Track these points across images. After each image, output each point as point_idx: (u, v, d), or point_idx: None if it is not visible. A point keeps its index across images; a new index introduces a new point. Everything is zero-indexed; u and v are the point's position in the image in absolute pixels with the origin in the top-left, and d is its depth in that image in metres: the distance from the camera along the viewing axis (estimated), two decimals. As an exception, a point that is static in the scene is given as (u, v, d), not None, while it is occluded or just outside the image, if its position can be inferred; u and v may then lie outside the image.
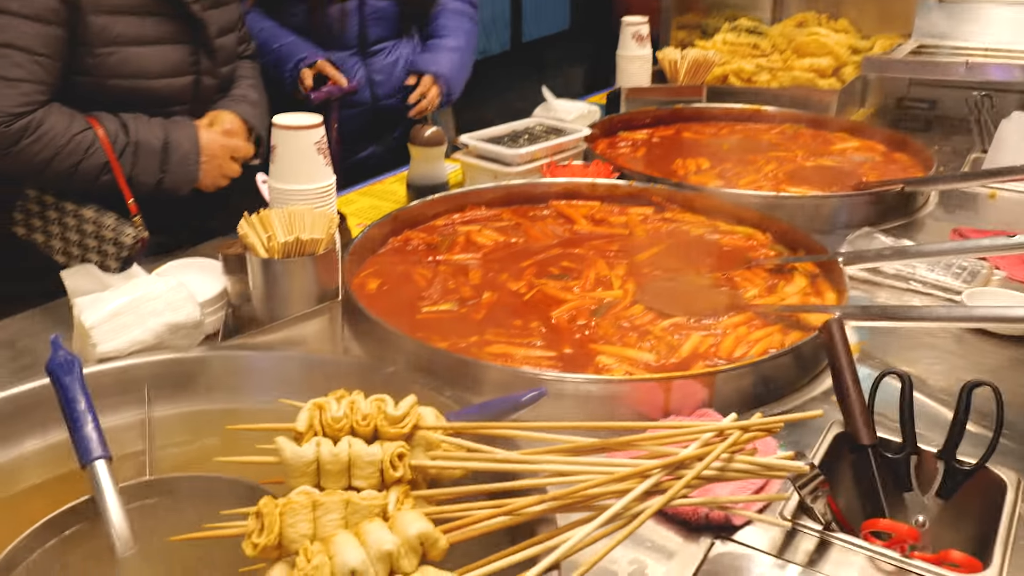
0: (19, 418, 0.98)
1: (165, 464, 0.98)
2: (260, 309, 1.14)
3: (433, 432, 0.80)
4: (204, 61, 1.65)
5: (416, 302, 1.35)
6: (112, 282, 1.14)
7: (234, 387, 1.07)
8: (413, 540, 0.66)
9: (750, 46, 2.90)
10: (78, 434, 0.88)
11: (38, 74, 1.43)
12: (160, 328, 1.09)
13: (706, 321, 1.26)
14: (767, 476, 0.79)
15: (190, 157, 1.57)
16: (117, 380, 1.04)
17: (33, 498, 0.94)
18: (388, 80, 2.30)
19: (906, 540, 0.84)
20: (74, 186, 1.52)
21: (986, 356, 1.23)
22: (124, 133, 1.52)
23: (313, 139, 1.19)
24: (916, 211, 1.84)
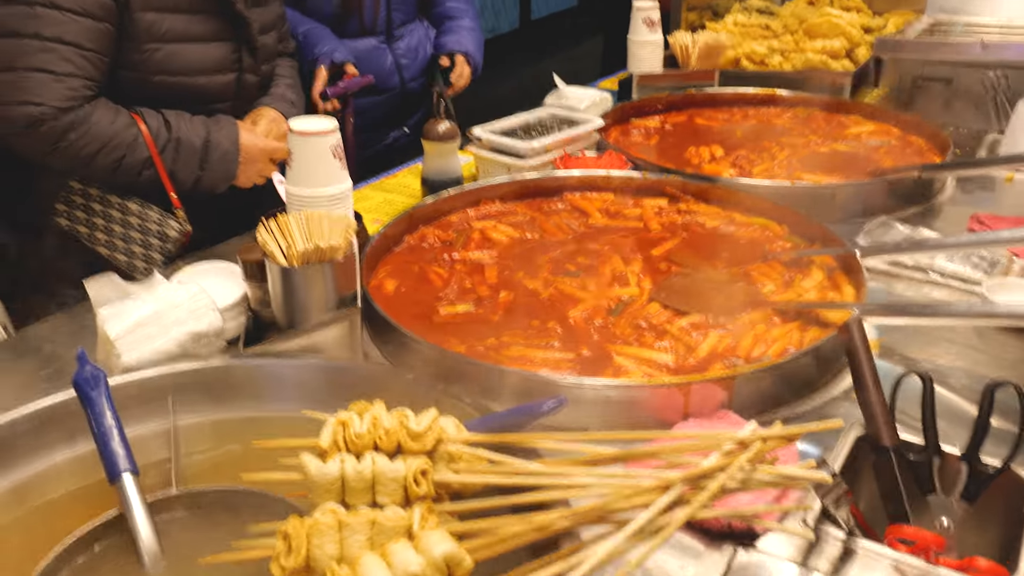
0: (47, 430, 0.98)
1: (190, 472, 0.98)
2: (280, 315, 1.14)
3: (455, 445, 0.79)
4: (246, 59, 1.66)
5: (433, 303, 1.34)
6: (134, 290, 1.14)
7: (256, 395, 1.07)
8: (439, 561, 0.65)
9: (761, 27, 2.85)
10: (105, 449, 0.88)
11: (86, 69, 1.45)
12: (183, 337, 1.09)
13: (724, 319, 1.24)
14: (789, 486, 0.78)
15: (229, 156, 1.58)
16: (142, 390, 1.05)
17: (62, 508, 0.95)
18: (412, 63, 2.36)
19: (931, 546, 0.83)
20: (117, 180, 1.55)
21: (1008, 351, 1.21)
22: (167, 130, 1.54)
23: (329, 144, 1.18)
24: (933, 197, 1.80)
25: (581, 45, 6.95)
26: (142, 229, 1.57)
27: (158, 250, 1.58)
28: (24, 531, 0.92)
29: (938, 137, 2.04)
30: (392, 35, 2.31)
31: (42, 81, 1.40)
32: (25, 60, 1.40)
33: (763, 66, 2.66)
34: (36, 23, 1.39)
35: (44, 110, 1.40)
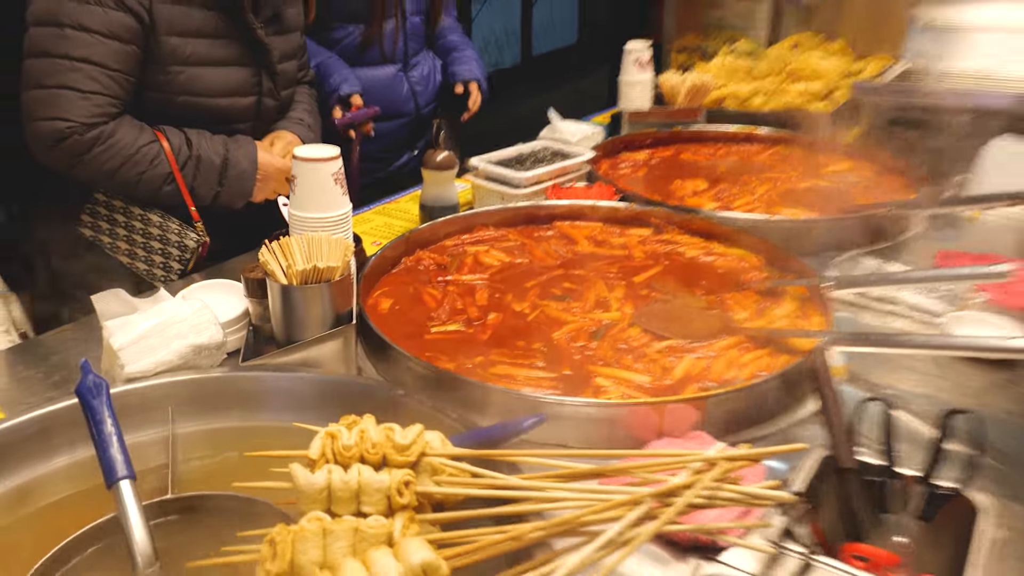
0: (51, 435, 0.99)
1: (187, 479, 0.99)
2: (279, 331, 1.15)
3: (438, 458, 0.80)
4: (266, 83, 1.70)
5: (426, 322, 1.35)
6: (140, 305, 1.15)
7: (252, 406, 1.08)
8: (416, 568, 0.66)
9: (746, 70, 2.89)
10: (104, 455, 0.88)
11: (112, 88, 1.48)
12: (185, 349, 1.10)
13: (699, 344, 1.26)
14: (753, 505, 0.79)
15: (246, 174, 1.62)
16: (143, 399, 1.06)
17: (62, 511, 0.96)
18: (425, 90, 2.44)
19: (886, 564, 0.84)
20: (139, 193, 1.58)
21: (968, 379, 1.22)
22: (188, 147, 1.57)
23: (331, 171, 1.20)
24: (903, 232, 1.83)
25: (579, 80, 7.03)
26: (162, 240, 1.60)
27: (177, 259, 1.61)
28: (24, 532, 0.92)
29: (909, 177, 2.07)
30: (408, 64, 2.39)
31: (69, 98, 1.43)
32: (54, 78, 1.43)
33: (745, 106, 2.70)
34: (66, 44, 1.42)
35: (71, 125, 1.43)
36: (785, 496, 0.77)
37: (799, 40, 3.39)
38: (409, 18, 2.34)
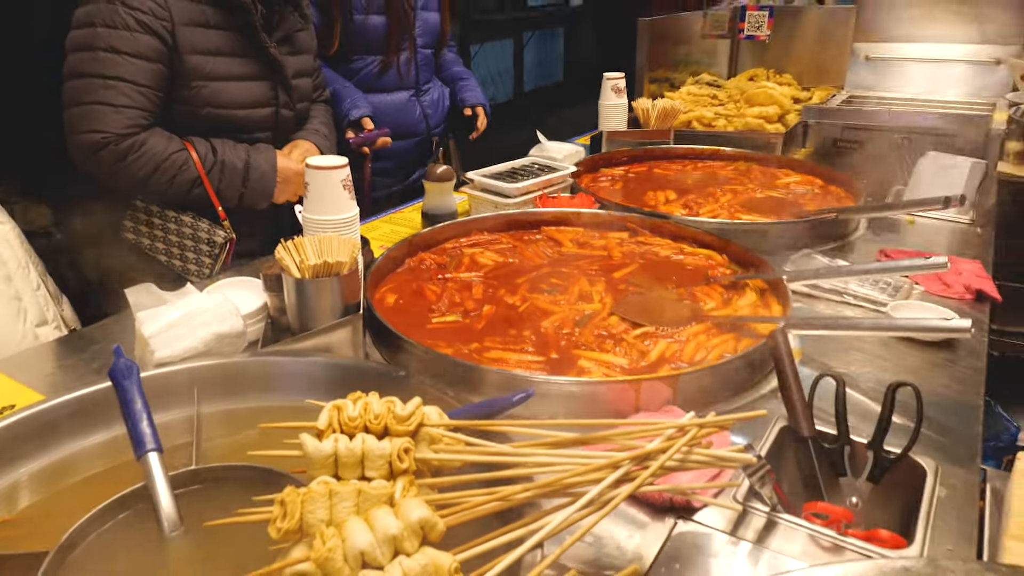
0: (85, 416, 0.96)
1: (210, 455, 0.96)
2: (293, 321, 1.12)
3: (435, 428, 0.77)
4: (282, 96, 1.69)
5: (427, 314, 1.32)
6: (169, 298, 1.12)
7: (269, 388, 1.04)
8: (415, 524, 0.63)
9: (710, 96, 2.88)
10: (134, 430, 0.85)
11: (142, 103, 1.47)
12: (209, 337, 1.07)
13: (672, 330, 1.23)
14: (721, 466, 0.76)
15: (267, 176, 1.61)
16: (171, 382, 1.02)
17: (95, 485, 0.92)
18: (435, 113, 2.45)
19: (841, 520, 0.81)
20: (170, 197, 1.57)
21: (908, 359, 1.20)
22: (213, 154, 1.56)
23: (340, 177, 1.17)
24: (848, 235, 1.81)
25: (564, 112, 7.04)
26: (194, 238, 1.59)
27: (207, 255, 1.59)
28: (62, 502, 0.89)
29: (852, 186, 2.06)
30: (420, 90, 2.38)
31: (104, 112, 1.42)
32: (91, 95, 1.43)
33: (710, 127, 2.69)
34: (99, 65, 1.42)
35: (106, 136, 1.43)
36: (749, 458, 0.74)
37: (754, 74, 3.40)
38: (420, 50, 2.34)
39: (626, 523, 0.83)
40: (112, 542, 0.78)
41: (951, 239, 1.81)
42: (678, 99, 2.85)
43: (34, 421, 0.92)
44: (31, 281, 1.45)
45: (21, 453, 0.91)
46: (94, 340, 1.29)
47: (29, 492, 0.89)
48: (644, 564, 0.78)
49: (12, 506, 0.87)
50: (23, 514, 0.86)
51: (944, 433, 1.00)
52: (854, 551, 0.77)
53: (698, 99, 2.87)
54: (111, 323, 1.34)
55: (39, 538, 0.81)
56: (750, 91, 2.71)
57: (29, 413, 0.92)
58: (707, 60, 3.94)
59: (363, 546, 0.60)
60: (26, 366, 1.20)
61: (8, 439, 0.89)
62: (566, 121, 5.91)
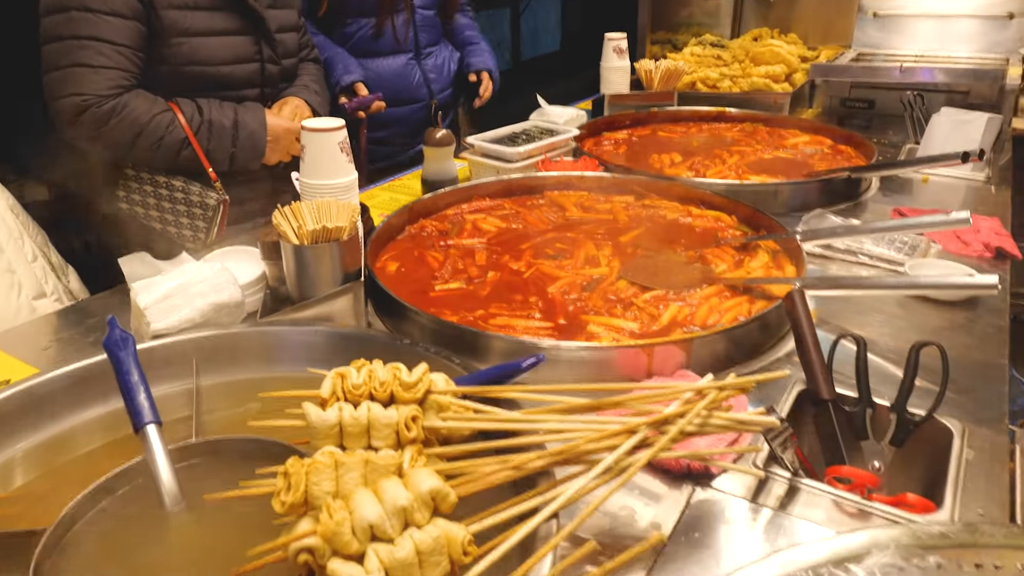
0: (82, 389, 0.92)
1: (210, 428, 0.93)
2: (293, 289, 1.08)
3: (443, 396, 0.74)
4: (266, 50, 1.62)
5: (430, 281, 1.28)
6: (164, 267, 1.08)
7: (269, 358, 1.00)
8: (425, 495, 0.60)
9: (714, 57, 2.80)
10: (132, 402, 0.82)
11: (121, 62, 1.42)
12: (206, 308, 1.03)
13: (683, 293, 1.19)
14: (742, 430, 0.73)
15: (256, 134, 1.56)
16: (168, 354, 0.98)
17: (93, 460, 0.89)
18: (439, 78, 2.33)
19: (866, 484, 0.78)
20: (159, 160, 1.52)
21: (927, 319, 1.16)
22: (199, 114, 1.52)
23: (336, 140, 1.12)
24: (860, 194, 1.76)
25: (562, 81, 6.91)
26: (186, 202, 1.55)
27: (201, 218, 1.55)
28: (59, 478, 0.86)
29: (864, 146, 2.00)
30: (420, 53, 2.28)
31: (82, 74, 1.37)
32: (67, 58, 1.38)
33: (715, 89, 2.61)
34: (72, 25, 1.37)
35: (86, 98, 1.38)
36: (772, 421, 0.71)
37: (759, 34, 3.31)
38: (420, 11, 2.23)
39: (642, 491, 0.81)
40: (111, 518, 0.75)
41: (967, 197, 1.76)
42: (681, 60, 2.77)
43: (28, 395, 0.89)
44: (25, 253, 1.41)
45: (16, 428, 0.88)
46: (92, 312, 1.25)
47: (25, 469, 0.86)
48: (663, 533, 0.75)
49: (8, 483, 0.84)
50: (20, 491, 0.83)
51: (968, 394, 0.97)
52: (881, 516, 0.75)
53: (702, 60, 2.79)
54: (109, 295, 1.31)
55: (36, 515, 0.78)
56: (755, 50, 2.63)
57: (23, 387, 0.88)
58: (709, 21, 3.83)
59: (372, 518, 0.57)
60: (22, 340, 1.17)
61: (2, 414, 0.86)
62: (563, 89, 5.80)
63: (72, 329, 1.20)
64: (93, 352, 1.10)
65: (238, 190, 1.62)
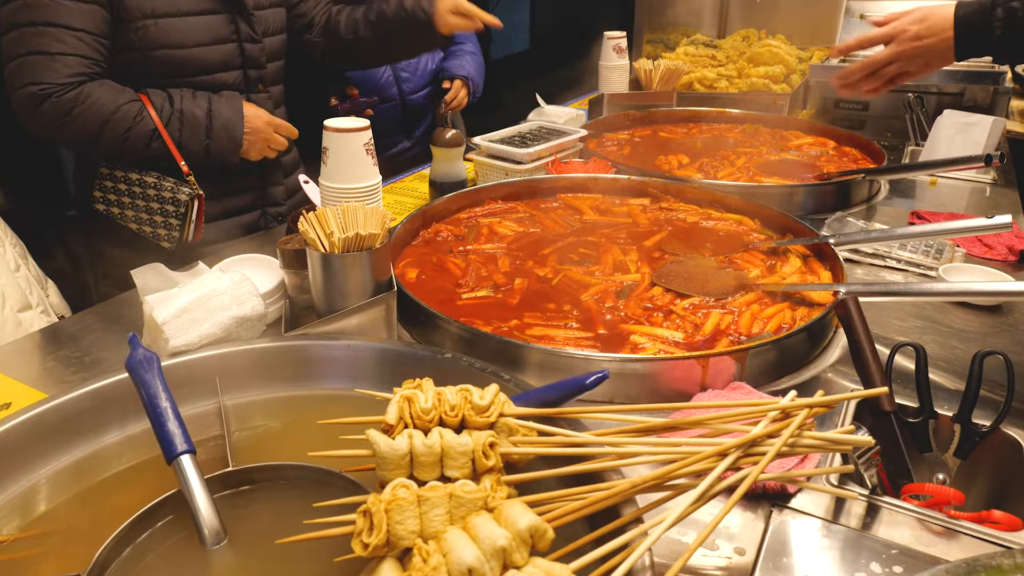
0: (100, 412, 0.85)
1: (241, 450, 0.86)
2: (319, 300, 1.02)
3: (515, 419, 0.69)
4: (244, 28, 1.52)
5: (453, 289, 1.23)
6: (180, 279, 1.00)
7: (299, 375, 0.94)
8: (524, 533, 0.55)
9: (709, 57, 2.80)
10: (162, 430, 0.75)
11: (81, 49, 1.33)
12: (228, 321, 0.96)
13: (721, 300, 1.16)
14: (834, 450, 0.70)
15: (232, 124, 1.46)
16: (190, 372, 0.91)
17: (121, 483, 0.82)
18: (413, 78, 2.23)
19: (948, 501, 0.76)
20: (127, 153, 1.42)
21: (968, 324, 1.16)
22: (170, 104, 1.43)
23: (362, 141, 1.06)
24: (872, 197, 1.76)
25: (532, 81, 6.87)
26: (159, 199, 1.46)
27: (173, 215, 1.46)
28: (86, 506, 0.79)
29: (869, 148, 2.01)
30: None
31: (39, 62, 1.29)
32: (24, 46, 1.30)
33: (712, 89, 2.61)
34: (29, 12, 1.29)
35: (44, 87, 1.29)
36: (865, 440, 0.68)
37: (747, 34, 3.32)
38: None
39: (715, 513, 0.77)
40: (147, 560, 0.68)
41: (979, 200, 1.78)
42: (676, 60, 2.76)
43: (46, 419, 0.81)
44: (8, 262, 1.31)
45: (35, 455, 0.80)
46: (88, 328, 1.17)
47: (49, 495, 0.79)
48: (747, 556, 0.72)
49: (30, 511, 0.76)
50: (44, 523, 0.76)
51: (1022, 402, 0.96)
52: (970, 536, 0.72)
53: (697, 60, 2.78)
54: (105, 308, 1.22)
55: (65, 557, 0.71)
56: (753, 50, 2.63)
57: (37, 412, 0.81)
58: (694, 22, 3.85)
59: (471, 561, 0.52)
60: (17, 359, 1.08)
61: (19, 440, 0.78)
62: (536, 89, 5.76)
63: (71, 346, 1.12)
64: (89, 374, 1.03)
65: (218, 187, 1.54)
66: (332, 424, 0.71)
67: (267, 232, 1.66)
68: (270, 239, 1.58)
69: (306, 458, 0.78)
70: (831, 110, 2.70)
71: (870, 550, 0.71)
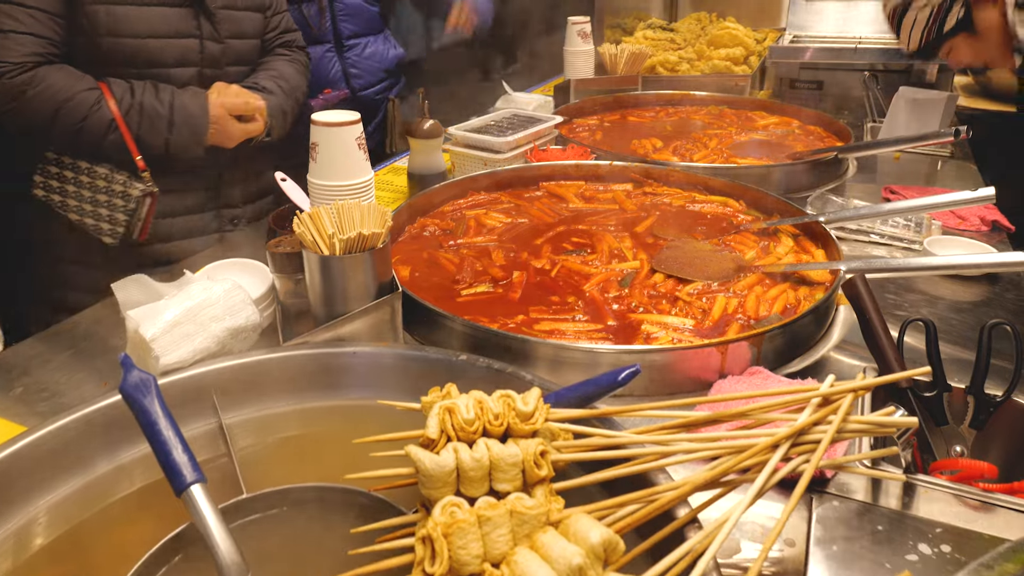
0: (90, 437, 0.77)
1: (250, 474, 0.79)
2: (317, 306, 0.95)
3: (559, 423, 0.65)
4: (205, 24, 1.42)
5: (450, 286, 1.17)
6: (165, 291, 0.92)
7: (304, 387, 0.87)
8: (597, 548, 0.51)
9: (668, 40, 2.79)
10: (167, 459, 0.68)
11: (34, 27, 1.24)
12: (222, 334, 0.88)
13: (724, 283, 1.15)
14: (880, 433, 0.68)
15: (196, 119, 1.37)
16: (184, 390, 0.83)
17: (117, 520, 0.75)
18: (363, 72, 2.13)
19: (984, 474, 0.76)
20: (82, 143, 1.32)
21: (958, 295, 1.17)
22: (130, 95, 1.33)
23: (354, 135, 0.99)
24: (843, 174, 1.78)
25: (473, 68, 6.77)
26: (108, 192, 1.36)
27: (121, 210, 1.36)
28: (83, 544, 0.71)
29: (834, 126, 2.03)
30: (342, 44, 2.08)
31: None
32: None
33: (674, 72, 2.60)
34: None
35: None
36: (911, 421, 0.66)
37: (699, 17, 3.33)
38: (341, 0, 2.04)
39: (761, 502, 0.74)
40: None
41: (939, 172, 1.82)
42: (635, 44, 2.74)
43: (26, 454, 0.73)
44: None
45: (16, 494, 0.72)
46: (22, 360, 1.04)
47: (43, 533, 0.71)
48: (797, 547, 0.70)
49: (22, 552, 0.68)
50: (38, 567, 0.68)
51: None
52: (1007, 508, 0.72)
53: (657, 43, 2.77)
54: (38, 343, 1.09)
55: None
56: (713, 32, 2.63)
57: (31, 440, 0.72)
58: (643, 6, 3.84)
59: (548, 586, 0.48)
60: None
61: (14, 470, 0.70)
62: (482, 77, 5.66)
63: (15, 382, 0.99)
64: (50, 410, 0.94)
65: (172, 182, 1.44)
66: (370, 442, 0.65)
67: (233, 232, 1.56)
68: (236, 242, 1.48)
69: (320, 476, 0.72)
70: (788, 90, 2.73)
71: (916, 531, 0.70)
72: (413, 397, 0.81)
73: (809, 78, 2.70)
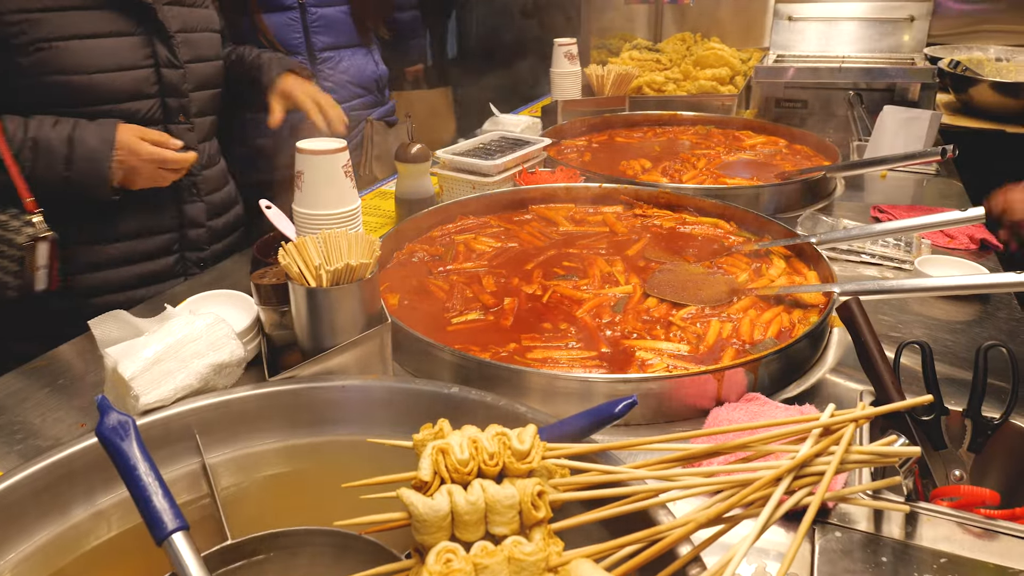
0: (66, 485, 0.74)
1: (233, 515, 0.77)
2: (304, 339, 0.93)
3: (555, 460, 0.64)
4: (162, 51, 1.36)
5: (440, 314, 1.16)
6: (145, 327, 0.90)
7: (291, 424, 0.86)
8: (599, 597, 0.49)
9: (654, 61, 2.82)
10: (147, 506, 0.65)
11: None
12: (204, 370, 0.86)
13: (717, 308, 1.14)
14: (883, 463, 0.67)
15: (97, 154, 1.26)
16: (165, 430, 0.81)
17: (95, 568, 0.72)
18: (337, 87, 2.01)
19: (982, 501, 0.75)
20: None
21: (952, 316, 1.18)
22: (23, 131, 1.24)
23: (340, 163, 0.98)
24: (831, 193, 1.80)
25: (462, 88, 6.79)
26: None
27: (9, 258, 1.25)
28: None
29: (821, 144, 2.05)
30: (315, 57, 1.98)
31: None
32: None
33: (661, 92, 2.62)
34: None
35: None
36: (914, 450, 0.66)
37: (683, 37, 3.38)
38: (316, 10, 1.95)
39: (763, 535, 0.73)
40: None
41: (925, 190, 1.84)
42: (621, 65, 2.76)
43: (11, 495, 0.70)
44: None
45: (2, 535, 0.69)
46: (33, 383, 1.03)
47: None
48: (802, 584, 0.68)
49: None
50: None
51: (1020, 391, 0.97)
52: (1009, 535, 0.71)
53: (643, 64, 2.80)
54: (47, 363, 1.08)
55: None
56: (699, 53, 2.66)
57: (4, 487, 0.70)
58: (629, 26, 3.89)
59: (549, 638, 0.46)
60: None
61: None
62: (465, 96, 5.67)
63: None
64: (41, 437, 0.91)
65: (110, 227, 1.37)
66: (359, 486, 0.63)
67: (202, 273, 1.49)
68: (220, 271, 1.46)
69: (309, 518, 0.70)
70: (773, 109, 2.76)
71: (920, 561, 0.69)
72: (404, 430, 0.79)
73: (794, 97, 2.74)
